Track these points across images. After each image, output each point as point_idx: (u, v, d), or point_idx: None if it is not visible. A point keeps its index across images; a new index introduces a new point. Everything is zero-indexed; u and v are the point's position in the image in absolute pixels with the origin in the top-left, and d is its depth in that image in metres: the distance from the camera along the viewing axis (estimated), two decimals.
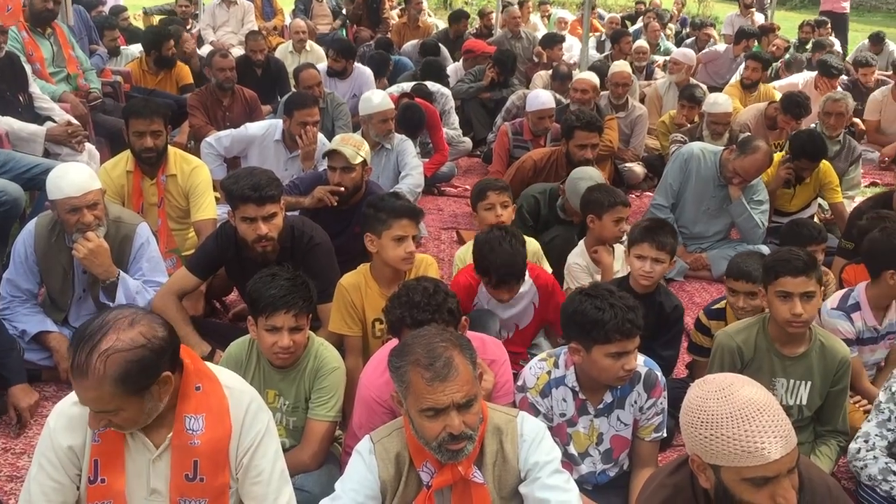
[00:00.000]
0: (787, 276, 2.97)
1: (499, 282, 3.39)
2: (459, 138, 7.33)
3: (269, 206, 3.44)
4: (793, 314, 2.95)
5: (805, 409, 3.14)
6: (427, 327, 2.27)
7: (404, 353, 2.16)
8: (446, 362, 2.09)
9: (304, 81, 6.33)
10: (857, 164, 6.20)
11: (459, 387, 2.09)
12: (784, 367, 3.09)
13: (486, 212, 4.09)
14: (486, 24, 11.39)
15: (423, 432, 2.13)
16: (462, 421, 2.10)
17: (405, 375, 2.12)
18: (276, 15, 10.66)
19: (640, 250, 3.46)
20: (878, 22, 11.64)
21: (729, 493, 1.86)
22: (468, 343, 2.22)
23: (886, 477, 2.82)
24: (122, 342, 1.99)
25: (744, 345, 3.10)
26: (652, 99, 7.95)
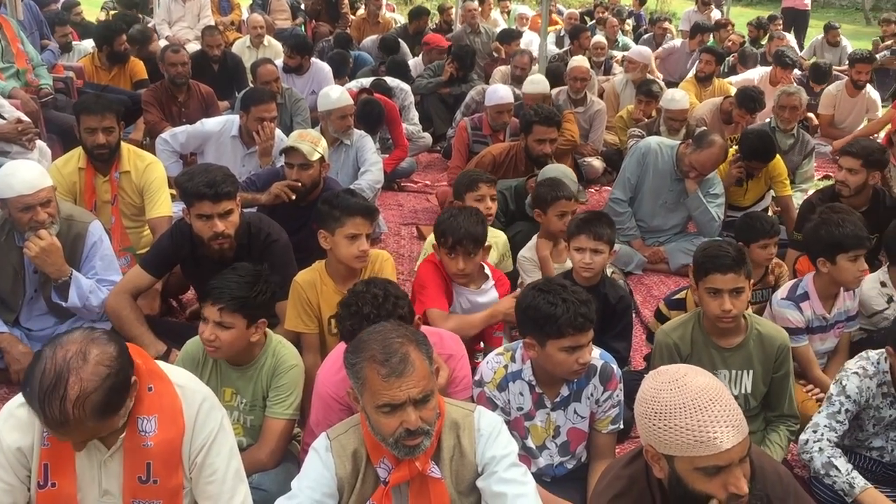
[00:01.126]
0: (717, 273, 3.00)
1: (455, 243, 3.34)
2: (419, 134, 7.33)
3: (224, 203, 3.40)
4: (722, 310, 2.99)
5: (751, 398, 3.19)
6: (383, 323, 2.26)
7: (360, 349, 2.14)
8: (402, 358, 2.09)
9: (261, 77, 6.28)
10: (810, 157, 6.32)
11: (416, 382, 2.08)
12: (723, 358, 3.13)
13: (476, 203, 4.06)
14: (446, 19, 11.40)
15: (379, 428, 2.12)
16: (418, 416, 2.09)
17: (361, 372, 2.11)
18: (233, 10, 10.55)
19: (579, 242, 3.49)
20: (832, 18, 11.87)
21: (682, 482, 1.88)
22: (424, 338, 2.22)
23: (829, 471, 2.86)
24: (89, 382, 1.93)
25: (680, 341, 3.14)
26: (609, 95, 8.01)
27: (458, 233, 3.34)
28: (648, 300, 4.84)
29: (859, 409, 3.03)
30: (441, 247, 3.41)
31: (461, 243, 3.35)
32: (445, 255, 3.41)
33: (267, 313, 2.82)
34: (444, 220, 3.42)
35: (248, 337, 2.76)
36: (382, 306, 2.60)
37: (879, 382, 3.01)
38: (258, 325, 2.78)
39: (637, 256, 5.28)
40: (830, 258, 3.53)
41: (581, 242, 3.48)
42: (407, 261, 5.21)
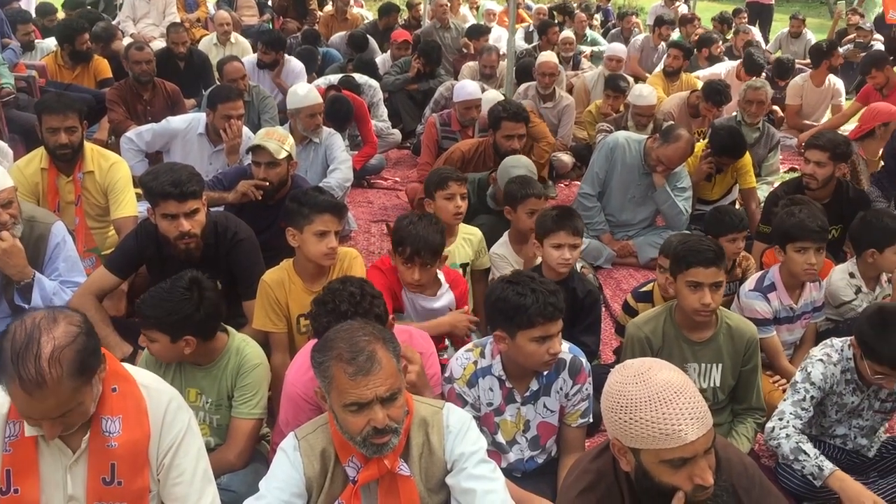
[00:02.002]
0: (699, 267, 3.02)
1: (413, 254, 3.26)
2: (388, 130, 7.31)
3: (190, 203, 3.36)
4: (702, 304, 3.01)
5: (719, 392, 3.22)
6: (350, 321, 2.25)
7: (326, 348, 2.13)
8: (369, 356, 2.08)
9: (228, 74, 6.22)
10: (775, 150, 6.39)
11: (383, 380, 2.08)
12: (694, 352, 3.16)
13: (447, 201, 4.03)
14: (415, 15, 11.38)
15: (347, 427, 2.12)
16: (386, 415, 2.09)
17: (328, 371, 2.10)
18: (200, 6, 10.43)
19: (557, 239, 3.48)
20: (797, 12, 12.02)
21: (648, 475, 1.89)
22: (391, 336, 2.21)
23: (798, 456, 2.90)
24: (61, 338, 1.95)
25: (652, 334, 3.16)
26: (580, 91, 8.05)
27: (417, 243, 3.25)
28: (618, 294, 4.87)
29: (823, 396, 3.08)
30: (398, 255, 3.33)
31: (419, 254, 3.27)
32: (401, 263, 3.32)
33: (196, 331, 2.72)
34: (403, 227, 3.32)
35: (178, 350, 2.72)
36: (360, 304, 2.58)
37: (843, 369, 3.06)
38: (186, 340, 2.70)
39: (606, 251, 5.31)
40: (783, 248, 3.59)
41: (560, 239, 3.48)
42: (376, 258, 5.17)
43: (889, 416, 3.22)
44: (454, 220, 3.94)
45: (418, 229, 3.29)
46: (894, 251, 3.71)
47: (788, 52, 11.05)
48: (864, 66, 7.93)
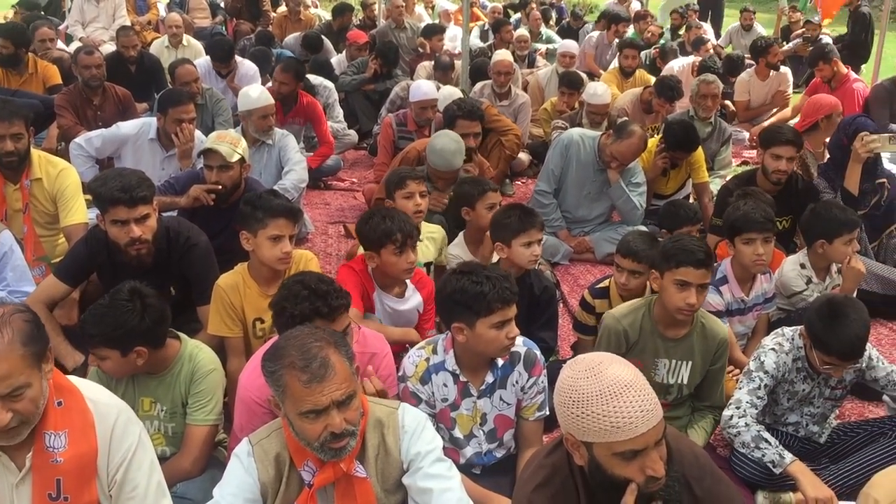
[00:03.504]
0: (690, 267, 3.03)
1: (405, 238, 3.31)
2: (345, 131, 7.29)
3: (140, 208, 3.32)
4: (687, 303, 3.03)
5: (685, 388, 3.26)
6: (299, 327, 2.22)
7: (278, 356, 2.11)
8: (322, 362, 2.06)
9: (180, 78, 6.15)
10: (727, 144, 6.49)
11: (338, 385, 2.07)
12: (667, 348, 3.19)
13: (406, 200, 4.04)
14: (370, 15, 11.35)
15: (304, 434, 2.10)
16: (343, 419, 2.08)
17: (281, 379, 2.08)
18: (150, 9, 10.30)
19: (528, 237, 3.52)
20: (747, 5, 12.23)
21: (601, 468, 1.92)
22: (342, 339, 2.21)
23: (759, 444, 2.95)
24: (10, 310, 2.00)
25: (630, 328, 3.18)
26: (534, 89, 8.10)
27: (404, 227, 3.32)
28: (575, 289, 4.90)
29: (776, 384, 3.14)
30: (390, 246, 3.32)
31: (410, 236, 3.34)
32: (393, 254, 3.33)
33: (145, 340, 2.68)
34: (378, 222, 3.33)
35: (130, 363, 2.67)
36: (331, 284, 2.60)
37: (794, 358, 3.12)
38: (136, 352, 2.66)
39: (563, 247, 5.35)
40: (731, 242, 3.65)
41: (532, 236, 3.52)
42: (335, 260, 5.17)
43: (839, 402, 3.29)
44: (415, 218, 3.94)
45: (392, 216, 3.35)
46: (843, 242, 3.79)
47: (740, 46, 11.23)
48: (811, 59, 8.10)
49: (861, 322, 2.93)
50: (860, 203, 4.66)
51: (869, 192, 4.73)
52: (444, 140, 4.68)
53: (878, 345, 4.22)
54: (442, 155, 4.65)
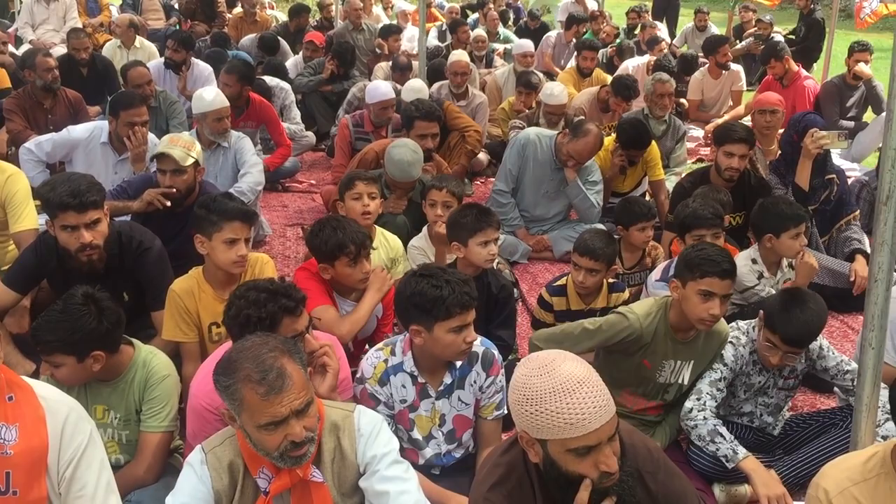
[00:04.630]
0: (716, 278, 2.99)
1: (359, 248, 3.28)
2: (302, 133, 7.23)
3: (91, 213, 3.27)
4: (710, 314, 3.00)
5: (683, 388, 3.27)
6: (250, 338, 2.17)
7: (231, 369, 2.06)
8: (279, 373, 2.03)
9: (133, 80, 6.06)
10: (682, 141, 6.58)
11: (296, 394, 2.04)
12: (676, 349, 3.19)
13: (354, 202, 4.03)
14: (327, 16, 11.29)
15: (263, 445, 2.07)
16: (302, 426, 2.06)
17: (237, 393, 2.04)
18: (102, 11, 10.14)
19: (484, 236, 3.52)
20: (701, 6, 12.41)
21: (556, 465, 1.93)
22: (294, 346, 2.18)
23: (714, 438, 2.99)
24: None
25: (647, 332, 3.14)
26: (492, 89, 8.13)
27: (356, 237, 3.28)
28: (534, 288, 4.92)
29: (734, 377, 3.19)
30: (343, 258, 3.28)
31: (364, 246, 3.31)
32: (347, 266, 3.29)
33: (102, 344, 2.63)
34: (329, 233, 3.28)
35: (87, 369, 2.63)
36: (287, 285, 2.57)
37: (751, 350, 3.18)
38: (93, 356, 2.61)
39: (522, 246, 5.37)
40: (682, 239, 3.70)
41: (487, 235, 3.52)
42: (293, 262, 5.14)
43: (792, 393, 3.35)
44: (363, 220, 3.93)
45: (344, 227, 3.30)
46: (790, 236, 3.86)
47: (694, 46, 11.37)
48: (763, 57, 8.25)
49: (817, 314, 3.00)
50: (810, 198, 4.74)
51: (819, 187, 4.82)
52: (401, 151, 4.66)
53: (829, 336, 4.30)
54: (399, 166, 4.65)
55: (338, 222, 3.35)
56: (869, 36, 10.01)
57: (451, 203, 4.16)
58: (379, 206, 4.17)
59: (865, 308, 2.39)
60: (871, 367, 2.40)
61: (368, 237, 3.39)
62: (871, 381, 2.42)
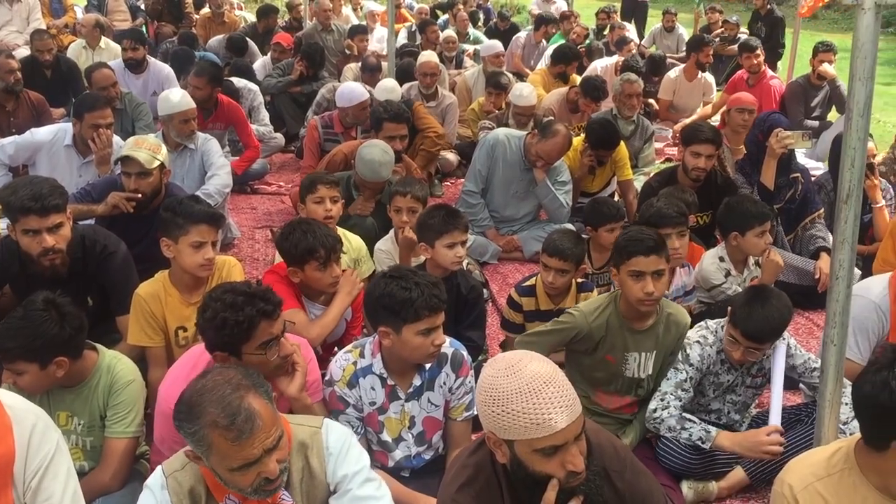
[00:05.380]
0: (640, 256, 3.05)
1: (329, 252, 3.26)
2: (271, 134, 7.18)
3: (53, 217, 3.22)
4: (645, 293, 3.04)
5: (652, 380, 3.28)
6: (209, 375, 2.06)
7: (195, 414, 1.97)
8: (248, 416, 1.95)
9: (97, 82, 5.98)
10: (650, 142, 6.64)
11: (267, 433, 1.99)
12: (635, 340, 3.21)
13: (316, 205, 4.02)
14: (296, 16, 11.23)
15: (235, 484, 2.03)
16: (275, 461, 2.02)
17: (204, 439, 1.96)
18: (67, 12, 9.99)
19: (451, 238, 3.51)
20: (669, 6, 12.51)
21: (523, 465, 1.93)
22: (257, 377, 2.11)
23: (684, 425, 3.03)
24: None
25: (597, 329, 3.18)
26: (461, 89, 8.14)
27: (326, 241, 3.25)
28: (504, 288, 4.93)
29: (701, 377, 3.21)
30: (313, 262, 3.26)
31: (334, 250, 3.29)
32: (317, 270, 3.27)
33: (65, 351, 2.59)
34: (299, 237, 3.25)
35: (50, 376, 2.59)
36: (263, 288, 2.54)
37: (718, 350, 3.20)
38: (56, 363, 2.57)
39: (492, 246, 5.38)
40: None
41: (454, 237, 3.51)
42: (262, 265, 5.10)
43: (759, 391, 3.39)
44: (325, 223, 3.91)
45: (314, 231, 3.28)
46: (755, 234, 3.91)
47: (662, 47, 11.49)
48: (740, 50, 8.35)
49: (779, 311, 3.04)
50: (776, 197, 4.80)
51: (784, 186, 4.87)
52: (372, 151, 4.66)
53: (796, 334, 4.36)
54: (370, 166, 4.64)
55: (308, 226, 3.33)
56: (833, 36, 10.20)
57: (416, 208, 4.16)
58: (341, 209, 4.15)
59: (827, 305, 2.42)
60: (833, 364, 2.44)
61: (339, 241, 3.37)
62: (834, 378, 2.46)
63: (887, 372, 1.95)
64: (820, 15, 18.01)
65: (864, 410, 2.02)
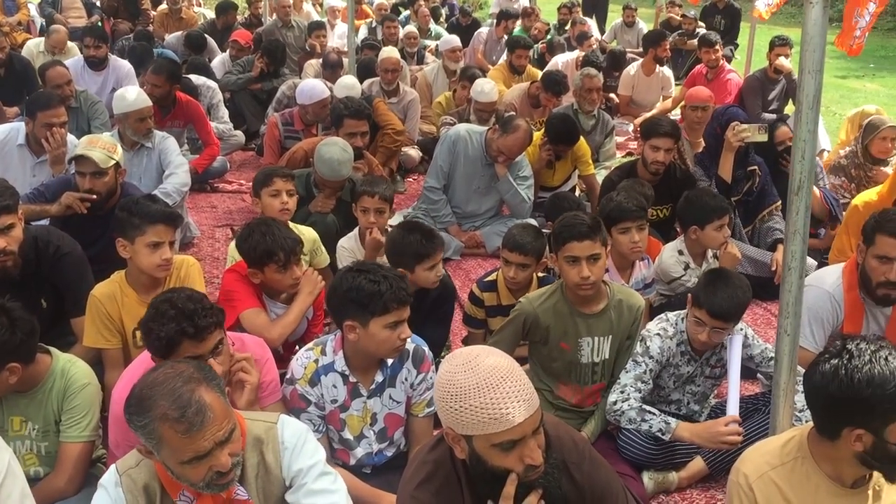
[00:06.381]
0: (574, 241, 3.09)
1: (289, 254, 3.24)
2: (231, 132, 7.12)
3: (4, 217, 3.17)
4: (581, 277, 3.07)
5: (607, 364, 3.30)
6: (161, 369, 2.05)
7: (145, 407, 1.95)
8: (198, 408, 1.94)
9: (51, 80, 5.87)
10: (611, 136, 6.69)
11: (218, 426, 1.97)
12: (587, 326, 3.22)
13: (272, 198, 3.99)
14: (255, 12, 11.12)
15: (187, 478, 2.01)
16: (227, 454, 2.00)
17: (154, 432, 1.95)
18: (20, 9, 9.80)
19: (433, 261, 3.48)
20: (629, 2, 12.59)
21: (482, 460, 1.93)
22: (209, 371, 2.10)
23: (644, 416, 3.05)
24: None
25: (543, 313, 3.20)
26: (422, 85, 8.12)
27: (286, 244, 3.23)
28: (467, 284, 4.93)
29: (661, 369, 3.24)
30: (272, 265, 3.24)
31: (294, 252, 3.27)
32: (277, 272, 3.26)
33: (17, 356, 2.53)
34: (258, 239, 3.23)
35: (2, 382, 2.52)
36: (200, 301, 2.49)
37: (678, 342, 3.23)
38: (8, 369, 2.51)
39: (454, 242, 5.38)
40: (608, 231, 3.76)
41: (435, 259, 3.49)
42: (222, 264, 5.04)
43: (718, 381, 3.43)
44: (280, 216, 3.89)
45: (273, 232, 3.25)
46: (714, 227, 3.96)
47: (623, 42, 11.57)
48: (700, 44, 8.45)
49: (741, 289, 3.10)
50: (733, 189, 4.87)
51: (742, 179, 4.94)
52: (331, 149, 4.62)
53: (753, 324, 4.42)
54: (329, 164, 4.61)
55: (267, 227, 3.30)
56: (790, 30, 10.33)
57: (383, 209, 4.13)
58: (296, 203, 4.13)
59: (780, 296, 2.45)
60: (787, 354, 2.47)
61: (299, 243, 3.34)
62: (788, 367, 2.49)
63: (837, 361, 1.99)
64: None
65: (815, 400, 2.05)
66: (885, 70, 13.00)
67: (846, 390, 1.94)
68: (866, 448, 1.99)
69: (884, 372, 1.93)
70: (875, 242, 3.19)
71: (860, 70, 12.67)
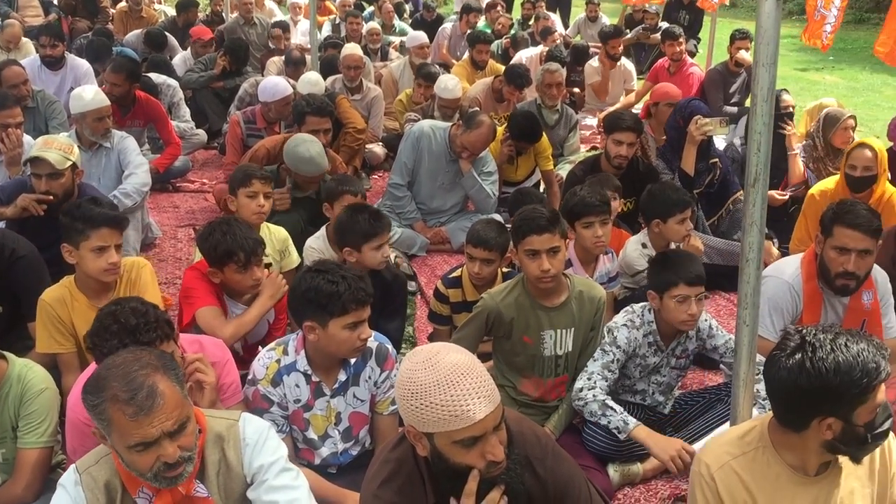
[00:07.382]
0: (533, 235, 3.11)
1: (249, 255, 3.22)
2: (192, 131, 7.04)
3: None
4: (542, 270, 3.09)
5: (570, 357, 3.31)
6: (122, 353, 2.06)
7: (99, 388, 1.95)
8: (149, 392, 1.93)
9: (7, 80, 5.75)
10: (574, 130, 6.71)
11: (167, 414, 1.95)
12: (550, 318, 3.23)
13: (249, 199, 3.95)
14: (216, 9, 10.99)
15: (134, 466, 1.99)
16: (177, 447, 1.98)
17: (104, 413, 1.94)
18: None
19: (380, 240, 3.53)
20: None
21: (443, 457, 1.92)
22: (170, 361, 2.09)
23: (605, 412, 3.06)
24: None
25: (506, 308, 3.20)
26: (387, 82, 8.09)
27: (247, 244, 3.20)
28: (433, 280, 4.91)
29: (627, 359, 3.26)
30: (232, 266, 3.22)
31: (255, 252, 3.24)
32: (237, 273, 3.23)
33: None
34: (218, 238, 3.20)
35: None
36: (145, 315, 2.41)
37: (645, 333, 3.25)
38: None
39: (420, 239, 5.38)
40: (572, 225, 3.78)
41: (382, 239, 3.53)
42: (185, 265, 4.98)
43: (684, 372, 3.46)
44: (255, 219, 3.86)
45: (234, 232, 3.22)
46: (676, 221, 3.99)
47: (587, 36, 11.64)
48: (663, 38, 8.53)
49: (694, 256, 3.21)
50: (696, 182, 4.91)
51: (703, 171, 4.99)
52: (305, 147, 4.61)
53: (717, 315, 4.46)
54: (310, 162, 4.60)
55: (228, 226, 3.26)
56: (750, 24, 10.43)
57: None
58: (272, 204, 4.11)
59: (739, 287, 2.46)
60: (746, 344, 2.49)
61: (261, 244, 3.31)
62: (748, 358, 2.51)
63: (801, 355, 1.98)
64: (738, 3, 18.44)
65: (781, 395, 2.04)
66: (845, 63, 13.19)
67: (815, 381, 1.94)
68: (836, 435, 2.00)
69: (847, 358, 1.94)
70: (833, 234, 3.24)
71: (820, 63, 12.84)
